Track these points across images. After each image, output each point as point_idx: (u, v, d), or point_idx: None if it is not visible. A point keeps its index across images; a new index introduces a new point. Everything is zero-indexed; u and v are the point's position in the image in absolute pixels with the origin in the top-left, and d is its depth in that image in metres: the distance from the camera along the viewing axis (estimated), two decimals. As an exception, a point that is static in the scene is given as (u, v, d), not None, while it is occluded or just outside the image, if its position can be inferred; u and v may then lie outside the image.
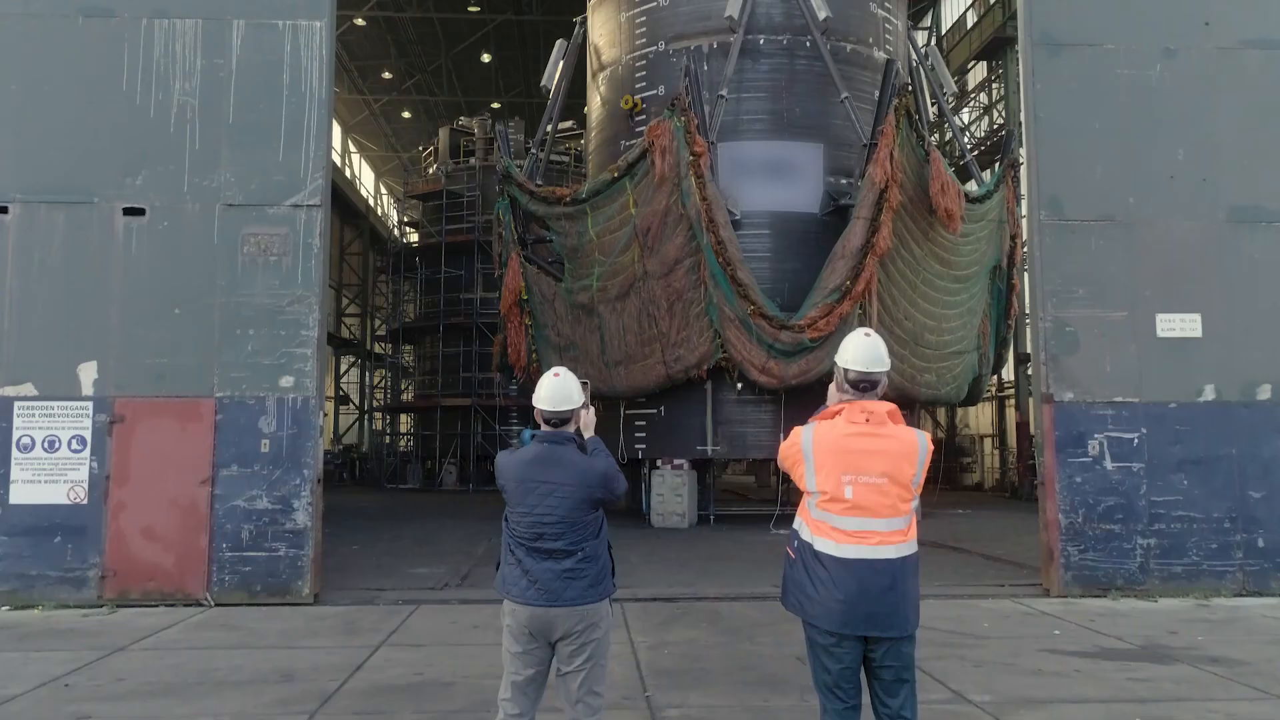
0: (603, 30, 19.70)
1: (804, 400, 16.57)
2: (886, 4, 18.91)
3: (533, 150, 20.73)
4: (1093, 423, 8.82)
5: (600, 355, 17.62)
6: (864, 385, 3.41)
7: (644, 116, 18.19)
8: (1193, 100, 9.24)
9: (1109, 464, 8.78)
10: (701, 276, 16.09)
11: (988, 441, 31.39)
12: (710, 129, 16.42)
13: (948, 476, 29.50)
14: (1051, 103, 9.15)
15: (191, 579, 8.28)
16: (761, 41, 17.69)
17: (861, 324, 16.04)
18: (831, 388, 3.56)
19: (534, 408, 3.80)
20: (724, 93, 16.83)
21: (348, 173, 51.58)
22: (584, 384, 3.94)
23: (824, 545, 3.26)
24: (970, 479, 31.48)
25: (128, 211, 8.57)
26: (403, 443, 37.95)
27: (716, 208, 15.83)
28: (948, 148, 28.84)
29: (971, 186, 21.10)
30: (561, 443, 3.66)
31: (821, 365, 15.90)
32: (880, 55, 18.59)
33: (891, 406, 3.38)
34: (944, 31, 33.85)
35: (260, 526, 8.31)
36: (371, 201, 56.41)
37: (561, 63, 20.79)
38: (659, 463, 17.50)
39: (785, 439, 3.58)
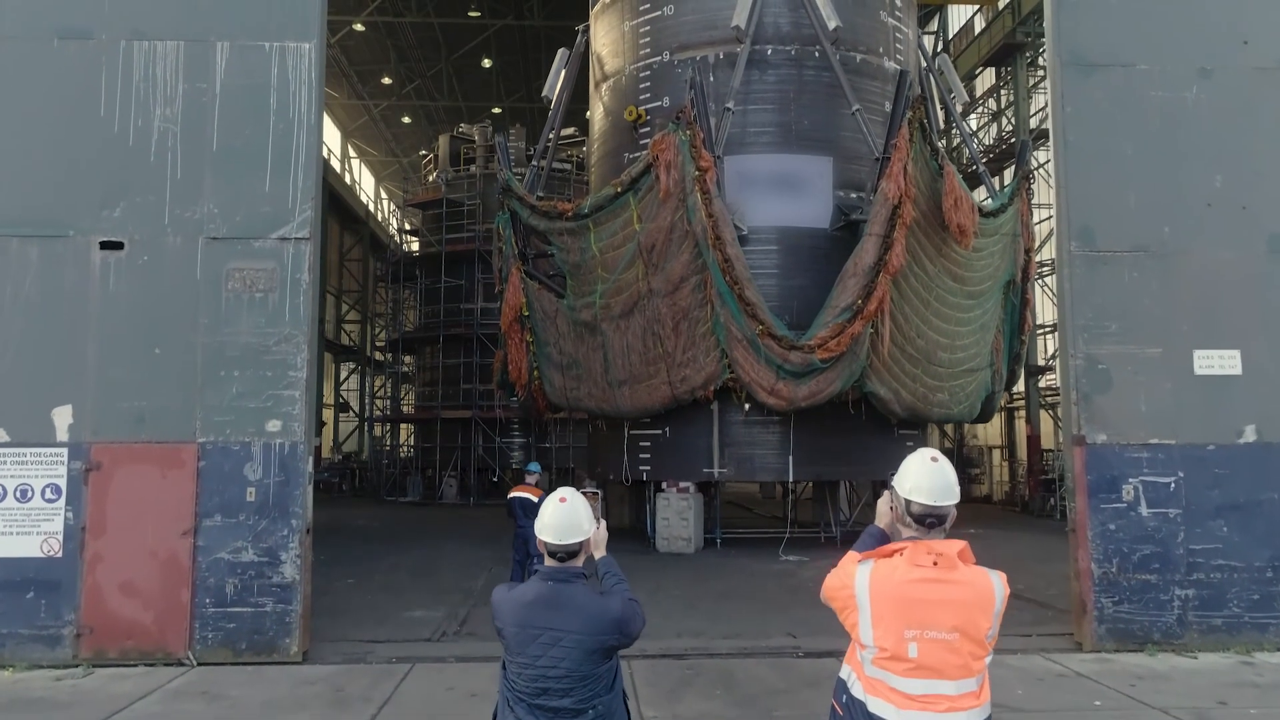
0: (605, 39, 19.23)
1: (813, 421, 16.13)
2: (897, 12, 18.43)
3: (534, 162, 20.26)
4: (1127, 466, 8.33)
5: (604, 374, 17.15)
6: (931, 521, 2.90)
7: (648, 129, 17.72)
8: (1230, 123, 8.75)
9: (1144, 510, 8.29)
10: (708, 295, 15.62)
11: (996, 453, 30.89)
12: (716, 143, 15.94)
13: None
14: (1082, 126, 8.65)
15: (173, 636, 7.80)
16: (769, 52, 17.20)
17: (873, 343, 15.58)
18: (882, 505, 3.07)
19: (537, 537, 3.26)
20: (730, 105, 16.36)
21: (347, 178, 51.16)
22: (593, 493, 3.45)
23: (880, 708, 2.77)
24: (978, 490, 30.95)
25: (105, 245, 8.09)
26: (403, 450, 37.43)
27: (723, 224, 15.35)
28: (955, 153, 28.36)
29: (980, 193, 20.64)
30: (568, 580, 3.15)
31: (832, 387, 15.43)
32: (891, 65, 18.10)
33: (962, 545, 2.87)
34: (950, 36, 33.34)
35: (245, 580, 7.83)
36: (371, 207, 56.00)
37: (563, 72, 20.33)
38: (664, 485, 17.03)
39: (831, 573, 3.07)
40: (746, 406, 16.12)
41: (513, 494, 11.02)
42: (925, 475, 2.92)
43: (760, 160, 17.07)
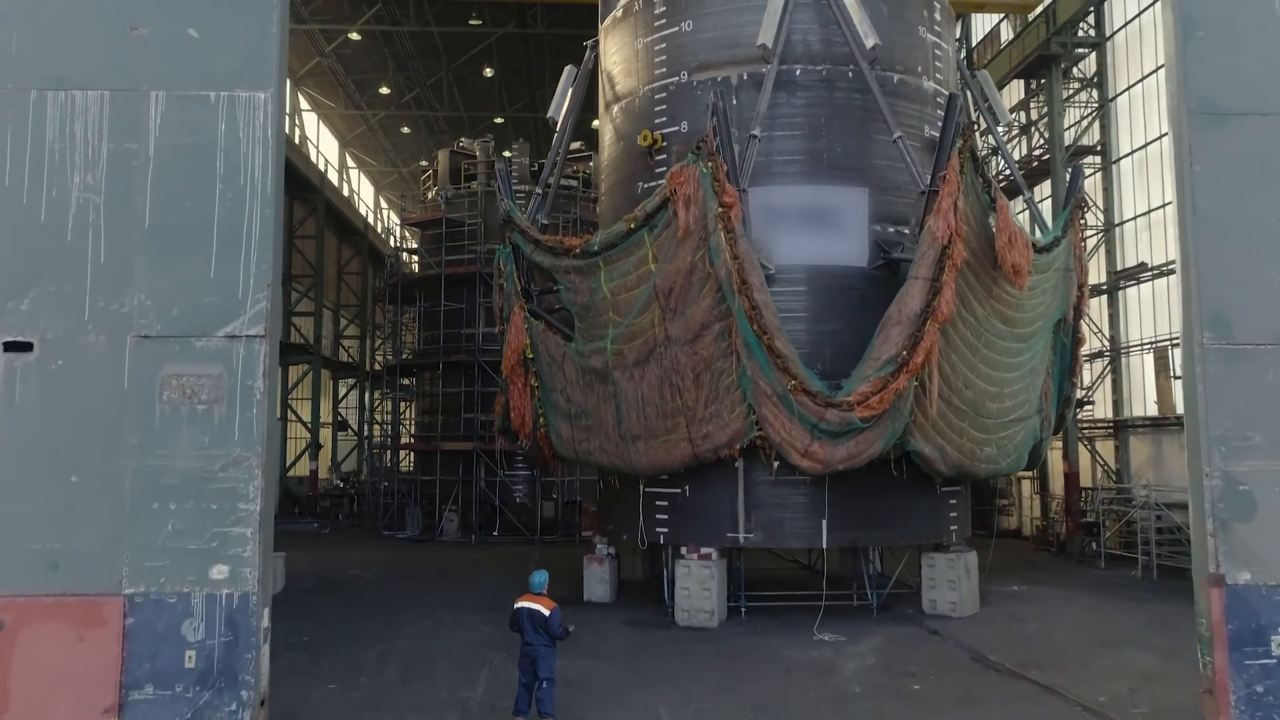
0: (617, 57, 17.64)
1: (849, 481, 14.52)
2: (936, 27, 16.83)
3: (538, 189, 18.69)
4: (1276, 612, 6.75)
5: (616, 427, 15.57)
6: None
7: (665, 156, 16.16)
8: (1398, 183, 7.16)
9: (1299, 666, 6.71)
10: (733, 344, 14.05)
11: (1026, 483, 29.25)
12: (741, 174, 14.37)
13: (984, 521, 27.40)
14: (1214, 189, 7.06)
15: (92, 841, 6.25)
16: (797, 72, 15.61)
17: (918, 398, 14.01)
18: None
19: None
20: (756, 132, 14.77)
21: (345, 189, 49.69)
22: None
23: None
24: (1007, 524, 29.33)
25: (10, 346, 6.52)
26: (404, 465, 35.69)
27: (750, 267, 13.77)
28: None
29: (1016, 204, 19.02)
30: None
31: (873, 448, 13.85)
32: (929, 85, 16.52)
33: None
34: (974, 44, 31.74)
35: (184, 769, 6.28)
36: (371, 218, 54.56)
37: (570, 91, 18.76)
38: (684, 551, 15.44)
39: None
40: (775, 465, 14.51)
41: (519, 604, 9.44)
42: None
43: (788, 192, 15.50)
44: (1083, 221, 17.08)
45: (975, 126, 16.79)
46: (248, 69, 6.75)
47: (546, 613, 9.22)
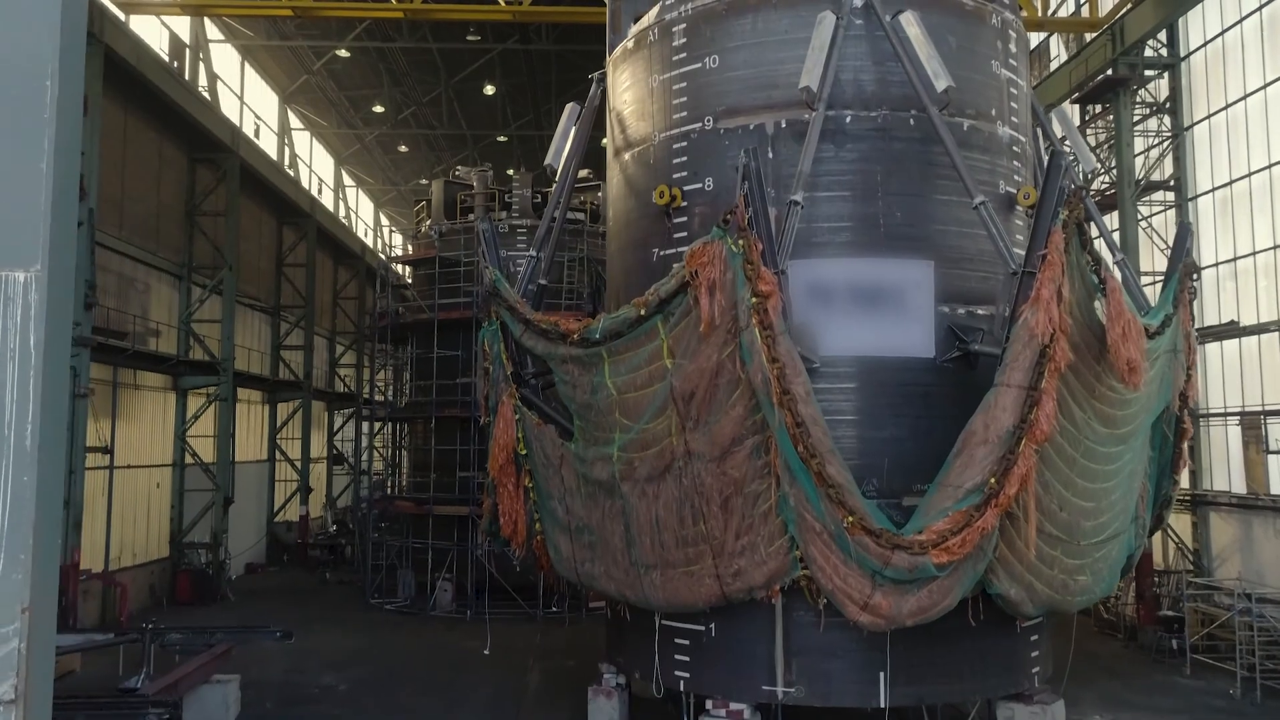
0: (628, 95, 14.81)
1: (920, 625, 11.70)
2: (1011, 60, 13.93)
3: (531, 251, 15.89)
4: None
5: (626, 550, 12.78)
6: None
7: (685, 218, 13.38)
8: None
9: None
10: (771, 463, 11.25)
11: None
12: (780, 251, 11.55)
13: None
14: None
15: None
16: (848, 119, 12.77)
17: (1006, 533, 11.17)
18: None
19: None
20: (798, 197, 11.94)
21: (341, 210, 47.15)
22: None
23: None
24: (1061, 592, 26.31)
25: None
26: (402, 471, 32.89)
27: (793, 373, 10.92)
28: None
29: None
30: None
31: (949, 598, 10.99)
32: (1005, 131, 13.64)
33: None
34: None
35: None
36: (370, 237, 52.03)
37: (573, 133, 15.96)
38: (710, 705, 12.65)
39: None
40: (823, 604, 11.71)
41: None
42: None
43: (836, 266, 12.69)
44: (1192, 291, 14.15)
45: (1085, 190, 13.83)
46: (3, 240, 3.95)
47: None
